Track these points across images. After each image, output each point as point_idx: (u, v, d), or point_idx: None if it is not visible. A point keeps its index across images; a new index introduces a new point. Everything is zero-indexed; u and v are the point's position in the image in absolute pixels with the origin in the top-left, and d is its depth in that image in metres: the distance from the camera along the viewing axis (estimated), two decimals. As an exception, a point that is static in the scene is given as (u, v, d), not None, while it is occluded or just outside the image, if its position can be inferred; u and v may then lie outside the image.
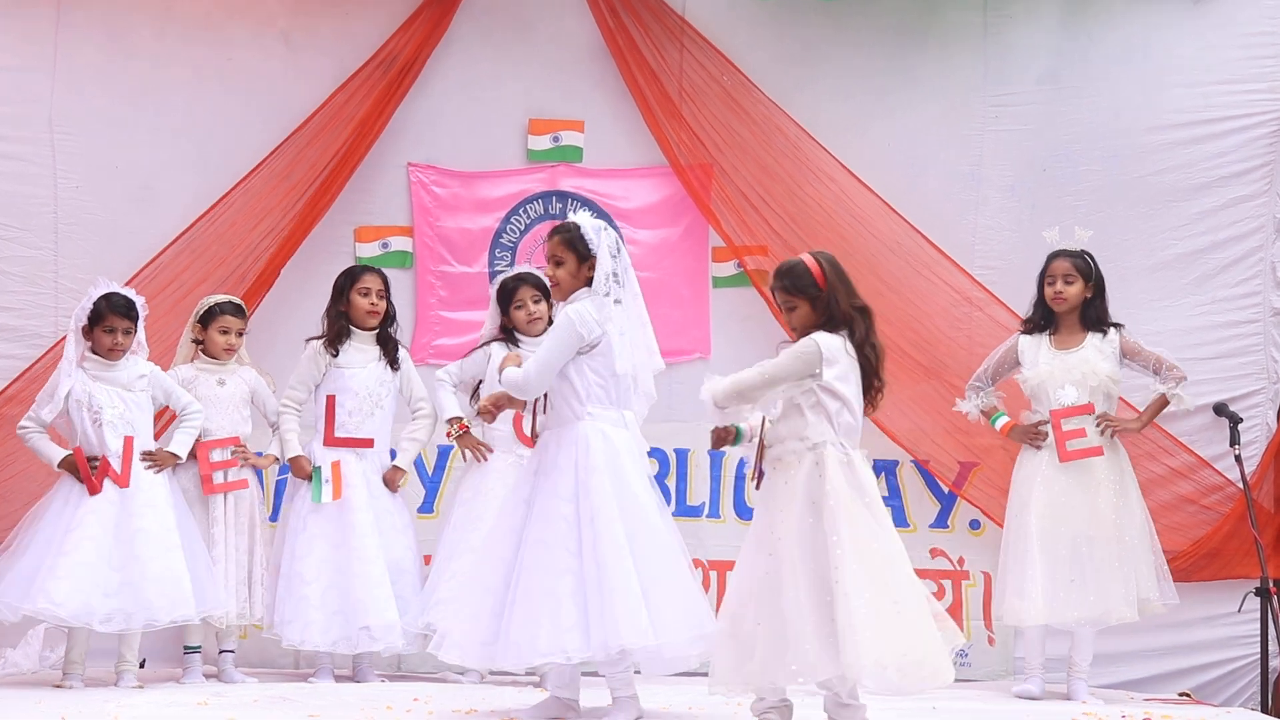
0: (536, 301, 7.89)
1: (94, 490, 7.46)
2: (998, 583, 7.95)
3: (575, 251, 6.56)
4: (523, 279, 7.98)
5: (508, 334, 7.95)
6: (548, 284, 7.35)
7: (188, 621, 7.53)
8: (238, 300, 8.02)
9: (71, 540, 7.36)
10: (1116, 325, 7.94)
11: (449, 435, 7.97)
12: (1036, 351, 7.95)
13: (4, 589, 7.34)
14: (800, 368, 6.09)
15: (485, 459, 7.89)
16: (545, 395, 6.63)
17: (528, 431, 7.08)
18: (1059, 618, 7.67)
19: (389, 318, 8.04)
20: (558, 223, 6.83)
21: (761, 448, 6.22)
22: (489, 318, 8.09)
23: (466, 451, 7.96)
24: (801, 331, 6.22)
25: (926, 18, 8.81)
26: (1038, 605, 7.63)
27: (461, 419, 7.91)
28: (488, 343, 8.00)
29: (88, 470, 7.48)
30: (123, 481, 7.50)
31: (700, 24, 8.77)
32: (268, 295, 8.48)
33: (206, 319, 7.93)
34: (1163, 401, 7.95)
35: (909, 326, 8.56)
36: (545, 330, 7.50)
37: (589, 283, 6.54)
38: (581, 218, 6.65)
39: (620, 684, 6.51)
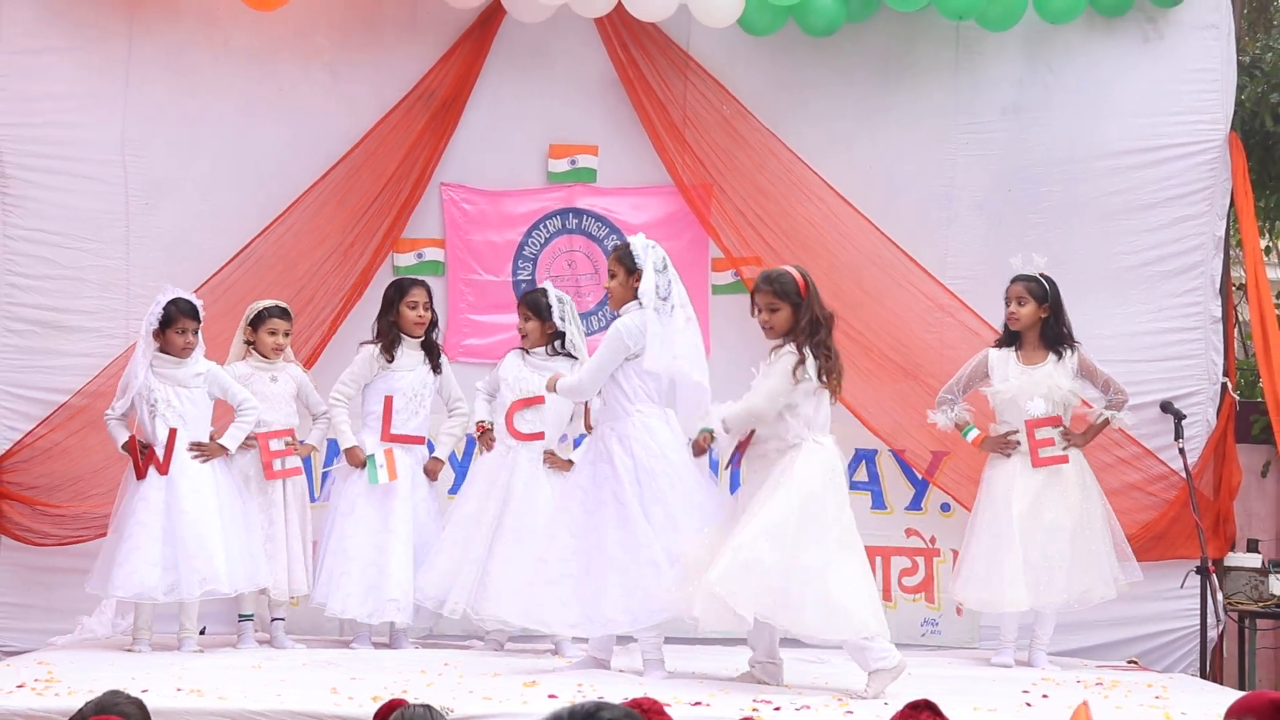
0: (526, 320, 8.00)
1: (140, 475, 7.58)
2: (964, 571, 7.93)
3: (624, 266, 6.84)
4: (522, 299, 8.13)
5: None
6: (540, 305, 7.94)
7: (217, 596, 7.61)
8: (284, 304, 8.08)
9: (128, 527, 7.52)
10: (1074, 344, 7.94)
11: (475, 435, 8.15)
12: (1006, 366, 7.95)
13: (95, 575, 7.59)
14: (790, 382, 6.38)
15: (491, 448, 8.03)
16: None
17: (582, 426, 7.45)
18: (1043, 601, 7.73)
19: (433, 324, 8.13)
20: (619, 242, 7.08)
21: (744, 445, 6.54)
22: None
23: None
24: (780, 331, 6.50)
25: (905, 54, 8.84)
26: (1020, 593, 7.68)
27: (481, 421, 8.05)
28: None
29: (136, 455, 7.61)
30: (162, 469, 7.57)
31: (703, 58, 8.80)
32: (320, 304, 8.58)
33: (256, 322, 8.00)
34: (1105, 422, 8.01)
35: (888, 332, 8.62)
36: (534, 344, 7.95)
37: (636, 294, 6.79)
38: (635, 238, 6.94)
39: (651, 647, 6.74)
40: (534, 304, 7.93)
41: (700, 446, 6.88)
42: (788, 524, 6.29)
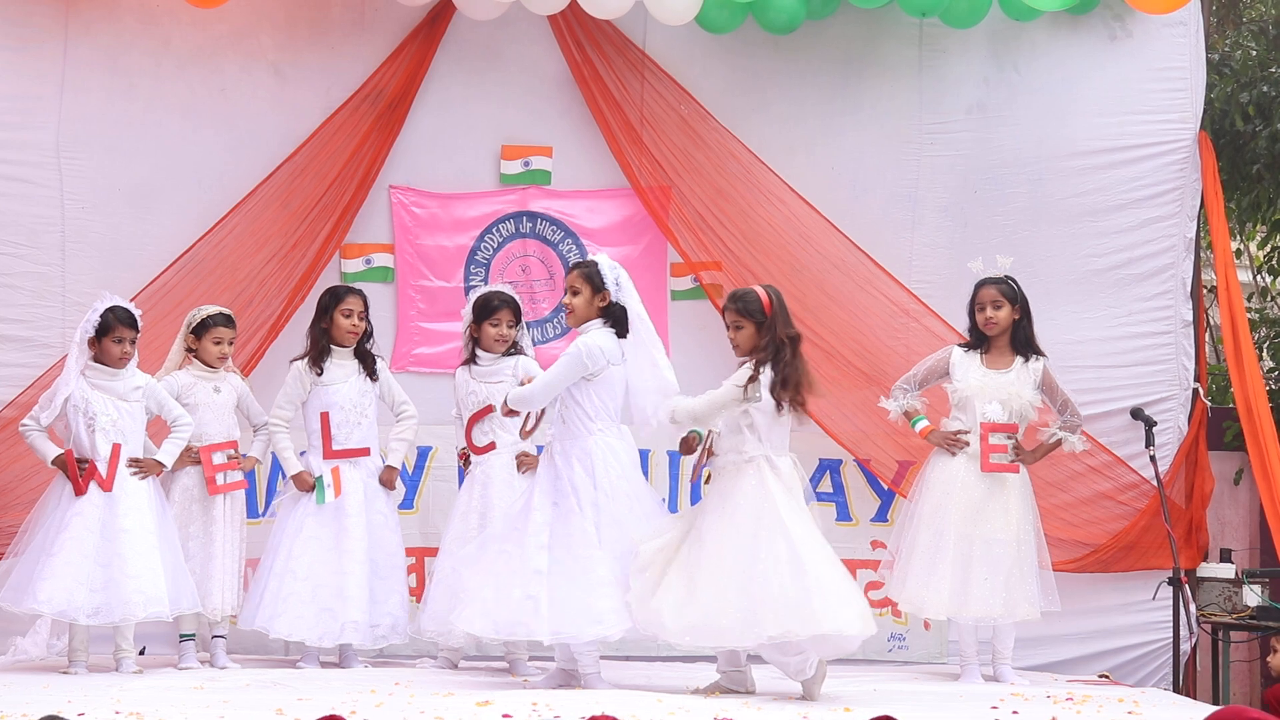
0: (511, 326, 7.94)
1: (79, 491, 7.46)
2: (899, 569, 7.84)
3: (591, 284, 6.98)
4: (506, 301, 7.98)
5: (472, 348, 8.00)
6: (522, 309, 8.02)
7: (159, 619, 7.50)
8: (228, 311, 7.98)
9: (59, 542, 7.39)
10: (1040, 355, 7.87)
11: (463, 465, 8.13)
12: (968, 367, 7.89)
13: (7, 588, 7.43)
14: (739, 395, 6.77)
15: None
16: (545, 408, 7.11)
17: (520, 435, 7.38)
18: (967, 612, 7.67)
19: (366, 334, 8.04)
20: (580, 259, 7.41)
21: (707, 453, 7.00)
22: (466, 328, 8.09)
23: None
24: (744, 349, 6.88)
25: (867, 52, 8.84)
26: (943, 600, 7.66)
27: (463, 450, 8.05)
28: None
29: (75, 471, 7.48)
30: (106, 485, 7.48)
31: (660, 57, 8.79)
32: (260, 307, 8.49)
33: (200, 329, 7.89)
34: (1057, 443, 7.93)
35: (852, 337, 8.61)
36: (507, 352, 7.94)
37: (601, 313, 6.96)
38: (600, 256, 7.11)
39: (590, 662, 6.90)
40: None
41: (690, 445, 7.03)
42: (735, 550, 6.69)
